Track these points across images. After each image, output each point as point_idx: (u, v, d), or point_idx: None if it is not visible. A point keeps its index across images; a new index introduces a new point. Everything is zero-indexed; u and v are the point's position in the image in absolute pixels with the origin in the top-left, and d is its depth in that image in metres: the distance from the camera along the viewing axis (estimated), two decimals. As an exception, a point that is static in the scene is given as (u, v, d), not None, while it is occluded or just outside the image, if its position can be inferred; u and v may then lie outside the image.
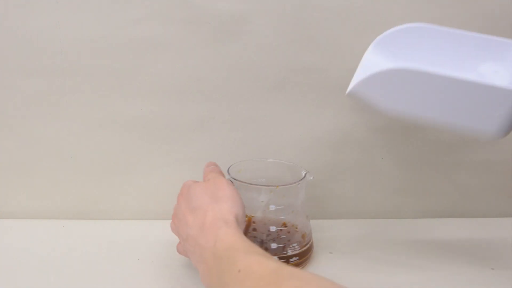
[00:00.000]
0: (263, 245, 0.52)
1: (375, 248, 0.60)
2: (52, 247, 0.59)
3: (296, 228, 0.55)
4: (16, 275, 0.53)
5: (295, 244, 0.53)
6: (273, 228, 0.53)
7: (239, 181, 0.53)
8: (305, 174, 0.54)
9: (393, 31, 0.47)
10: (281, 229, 0.54)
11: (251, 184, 0.53)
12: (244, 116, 0.63)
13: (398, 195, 0.68)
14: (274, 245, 0.52)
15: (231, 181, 0.52)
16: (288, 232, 0.54)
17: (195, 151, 0.64)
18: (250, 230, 0.54)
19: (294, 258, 0.52)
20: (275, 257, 0.51)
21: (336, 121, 0.63)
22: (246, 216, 0.50)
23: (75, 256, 0.57)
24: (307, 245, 0.54)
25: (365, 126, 0.64)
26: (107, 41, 0.59)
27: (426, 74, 0.41)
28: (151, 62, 0.60)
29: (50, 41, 0.58)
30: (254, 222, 0.54)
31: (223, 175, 0.53)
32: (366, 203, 0.68)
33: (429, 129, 0.64)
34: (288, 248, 0.52)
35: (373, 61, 0.47)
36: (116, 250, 0.59)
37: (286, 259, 0.52)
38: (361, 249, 0.60)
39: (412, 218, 0.68)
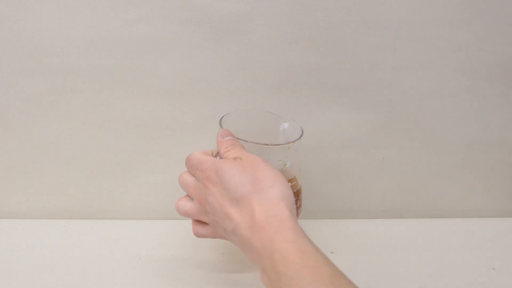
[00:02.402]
0: None
1: (376, 248, 0.60)
2: (53, 247, 0.59)
3: (299, 183, 0.55)
4: (17, 275, 0.53)
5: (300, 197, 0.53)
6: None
7: (255, 143, 0.47)
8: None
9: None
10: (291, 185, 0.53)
11: (269, 144, 0.48)
12: (245, 116, 0.63)
13: (398, 195, 0.68)
14: None
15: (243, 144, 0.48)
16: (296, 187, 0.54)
17: (196, 151, 0.64)
18: None
19: None
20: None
21: (336, 121, 0.63)
22: None
23: (76, 256, 0.57)
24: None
25: (365, 126, 0.64)
26: (108, 41, 0.59)
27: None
28: (152, 62, 0.60)
29: (51, 41, 0.58)
30: None
31: (244, 148, 0.46)
32: (366, 203, 0.68)
33: (429, 129, 0.64)
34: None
35: None
36: (117, 250, 0.59)
37: None
38: (362, 249, 0.60)
39: (413, 218, 0.68)
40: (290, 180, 0.53)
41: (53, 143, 0.63)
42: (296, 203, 0.50)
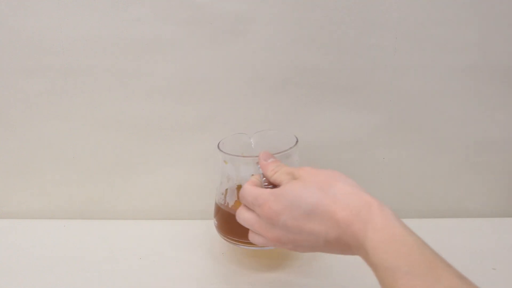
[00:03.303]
0: None
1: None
2: (53, 247, 0.59)
3: None
4: (17, 275, 0.53)
5: None
6: None
7: (248, 156, 0.51)
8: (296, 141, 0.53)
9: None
10: None
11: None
12: (246, 116, 0.63)
13: (398, 195, 0.68)
14: None
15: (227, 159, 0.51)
16: None
17: (196, 151, 0.64)
18: None
19: None
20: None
21: (336, 121, 0.63)
22: None
23: (76, 256, 0.57)
24: None
25: (366, 126, 0.64)
26: (109, 41, 0.59)
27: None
28: (153, 62, 0.60)
29: (52, 41, 0.58)
30: None
31: (286, 165, 0.45)
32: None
33: (430, 129, 0.64)
34: None
35: None
36: (117, 250, 0.59)
37: None
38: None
39: (413, 218, 0.68)
40: None
41: (53, 143, 0.63)
42: None
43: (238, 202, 0.53)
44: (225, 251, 0.58)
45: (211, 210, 0.57)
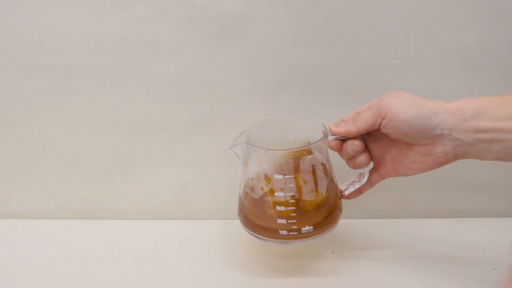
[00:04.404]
0: None
1: (376, 248, 0.60)
2: (54, 247, 0.59)
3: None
4: (17, 275, 0.53)
5: None
6: None
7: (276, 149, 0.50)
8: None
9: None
10: None
11: (292, 149, 0.50)
12: (247, 117, 0.63)
13: (398, 195, 0.68)
14: None
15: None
16: None
17: (197, 151, 0.64)
18: None
19: None
20: None
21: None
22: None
23: (76, 256, 0.57)
24: None
25: (366, 126, 0.64)
26: (109, 41, 0.59)
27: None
28: (153, 62, 0.60)
29: (52, 41, 0.58)
30: None
31: None
32: (367, 203, 0.68)
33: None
34: None
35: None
36: (118, 250, 0.59)
37: None
38: (363, 249, 0.60)
39: (413, 218, 0.68)
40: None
41: (53, 143, 0.63)
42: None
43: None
44: (225, 251, 0.58)
45: (212, 210, 0.58)
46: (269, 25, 0.59)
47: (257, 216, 0.51)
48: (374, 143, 0.50)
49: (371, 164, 0.52)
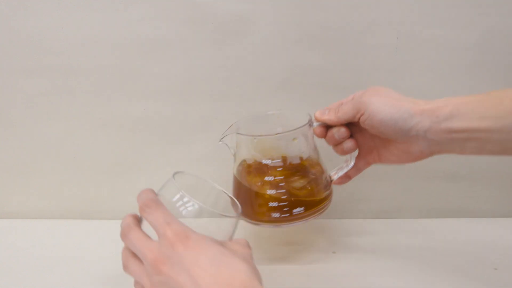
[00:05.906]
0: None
1: (377, 248, 0.60)
2: (54, 247, 0.59)
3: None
4: (17, 275, 0.53)
5: None
6: None
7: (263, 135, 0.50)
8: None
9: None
10: None
11: (280, 133, 0.51)
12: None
13: (398, 195, 0.68)
14: None
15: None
16: None
17: (197, 151, 0.64)
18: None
19: None
20: None
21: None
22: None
23: (76, 256, 0.57)
24: None
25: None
26: (109, 41, 0.59)
27: None
28: (154, 62, 0.60)
29: (52, 41, 0.58)
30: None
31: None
32: (366, 203, 0.68)
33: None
34: None
35: None
36: (117, 250, 0.59)
37: None
38: (363, 249, 0.60)
39: (413, 218, 0.68)
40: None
41: (53, 143, 0.63)
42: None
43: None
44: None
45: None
46: (269, 25, 0.59)
47: (251, 203, 0.52)
48: (359, 133, 0.52)
49: (357, 151, 0.53)
